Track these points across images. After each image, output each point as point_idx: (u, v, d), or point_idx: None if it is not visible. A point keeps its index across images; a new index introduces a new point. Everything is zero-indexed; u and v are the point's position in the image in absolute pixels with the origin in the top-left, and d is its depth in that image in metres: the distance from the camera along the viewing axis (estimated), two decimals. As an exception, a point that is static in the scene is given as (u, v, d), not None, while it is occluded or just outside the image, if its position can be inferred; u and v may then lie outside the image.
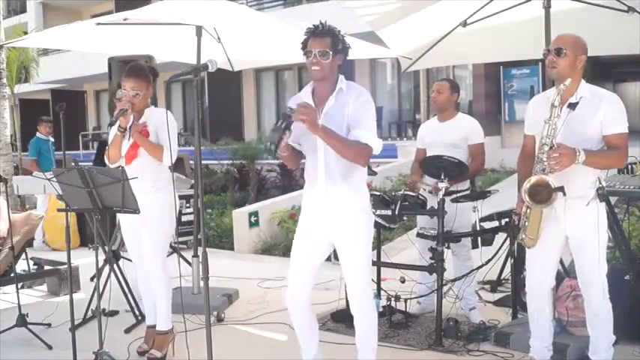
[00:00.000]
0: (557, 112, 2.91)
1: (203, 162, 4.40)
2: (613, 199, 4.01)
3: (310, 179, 3.04)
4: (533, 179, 2.95)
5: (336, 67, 2.93)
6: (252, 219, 7.38)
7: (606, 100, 2.93)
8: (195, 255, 4.80)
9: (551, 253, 3.15)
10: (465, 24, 4.58)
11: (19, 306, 4.19)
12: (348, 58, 3.00)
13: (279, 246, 7.05)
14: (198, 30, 4.63)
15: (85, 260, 5.43)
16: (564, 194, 2.89)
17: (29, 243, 5.56)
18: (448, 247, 4.06)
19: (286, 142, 2.82)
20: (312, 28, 2.90)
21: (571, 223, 3.01)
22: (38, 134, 8.61)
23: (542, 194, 2.92)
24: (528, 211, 3.05)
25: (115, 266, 4.58)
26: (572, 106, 2.97)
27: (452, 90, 4.33)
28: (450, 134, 4.31)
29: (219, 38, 5.14)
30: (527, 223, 3.07)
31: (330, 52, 2.85)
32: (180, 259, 4.26)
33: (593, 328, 3.15)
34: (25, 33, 14.92)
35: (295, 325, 3.19)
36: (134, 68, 3.74)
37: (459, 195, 4.13)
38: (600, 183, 3.01)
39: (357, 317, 3.10)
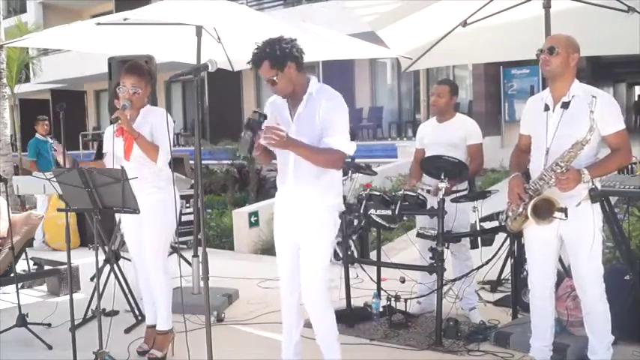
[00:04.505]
0: (581, 146, 2.91)
1: (203, 162, 4.39)
2: (613, 199, 4.01)
3: (281, 179, 3.09)
4: (544, 195, 2.98)
5: (295, 74, 2.90)
6: (252, 219, 7.37)
7: (600, 99, 2.92)
8: (195, 255, 4.80)
9: (548, 251, 3.17)
10: (465, 24, 4.58)
11: (19, 306, 4.19)
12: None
13: (279, 246, 7.03)
14: (198, 30, 4.63)
15: (85, 260, 5.43)
16: (566, 216, 2.94)
17: (29, 243, 5.56)
18: (447, 247, 4.07)
19: (259, 143, 2.86)
20: (250, 57, 2.88)
21: (564, 224, 3.01)
22: (37, 135, 8.60)
23: (545, 210, 2.97)
24: (522, 211, 3.08)
25: (115, 266, 4.58)
26: (565, 105, 3.01)
27: (452, 93, 4.36)
28: (449, 134, 4.33)
29: (219, 38, 5.14)
30: (516, 218, 3.15)
31: (275, 72, 2.85)
32: (180, 259, 4.26)
33: (590, 329, 3.15)
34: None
35: (284, 316, 3.26)
36: (134, 65, 3.73)
37: (459, 195, 4.13)
38: (593, 184, 3.00)
39: (313, 317, 3.13)
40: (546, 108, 3.08)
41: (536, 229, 3.10)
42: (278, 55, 2.84)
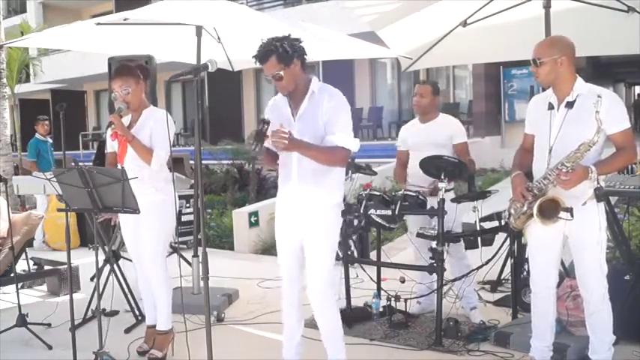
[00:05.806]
0: (588, 147, 2.91)
1: (203, 162, 4.38)
2: (613, 199, 4.01)
3: (284, 177, 3.09)
4: (549, 195, 2.97)
5: (299, 72, 2.94)
6: (252, 219, 7.37)
7: (605, 98, 2.92)
8: (195, 255, 4.80)
9: (551, 251, 3.17)
10: (465, 24, 4.58)
11: (19, 306, 4.19)
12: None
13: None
14: (198, 30, 4.63)
15: (85, 260, 5.43)
16: (572, 216, 2.93)
17: (29, 243, 5.56)
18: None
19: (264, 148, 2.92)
20: (256, 52, 2.91)
21: (569, 224, 3.01)
22: (37, 135, 8.60)
23: (550, 211, 2.96)
24: (527, 210, 3.07)
25: (115, 266, 4.58)
26: (570, 104, 3.00)
27: (434, 93, 4.37)
28: (435, 134, 4.32)
29: (219, 38, 5.14)
30: (520, 217, 3.13)
31: (282, 67, 2.88)
32: (180, 259, 4.26)
33: (592, 328, 3.15)
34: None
35: (284, 316, 3.26)
36: (117, 69, 3.79)
37: (459, 196, 4.13)
38: (599, 183, 3.00)
39: (318, 316, 3.14)
40: (550, 107, 3.08)
41: (540, 229, 3.09)
42: (286, 50, 2.88)
